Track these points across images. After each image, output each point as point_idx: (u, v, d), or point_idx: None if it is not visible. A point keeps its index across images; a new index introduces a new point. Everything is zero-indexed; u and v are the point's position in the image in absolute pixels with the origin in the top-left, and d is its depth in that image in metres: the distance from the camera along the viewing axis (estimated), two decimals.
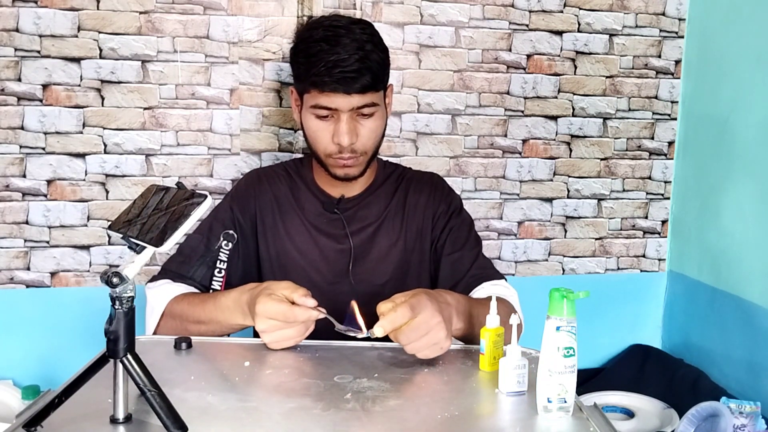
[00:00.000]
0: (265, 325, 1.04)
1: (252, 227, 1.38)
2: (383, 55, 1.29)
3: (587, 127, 2.04)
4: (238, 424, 0.83)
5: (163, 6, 1.75)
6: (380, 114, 1.31)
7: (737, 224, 1.85)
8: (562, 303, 0.86)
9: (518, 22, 1.95)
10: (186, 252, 1.34)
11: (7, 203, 1.73)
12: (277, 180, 1.41)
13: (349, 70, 1.21)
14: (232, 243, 1.33)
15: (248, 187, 1.41)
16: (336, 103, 1.24)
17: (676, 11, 2.05)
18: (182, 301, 1.22)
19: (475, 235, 1.42)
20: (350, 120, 1.26)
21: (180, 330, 1.19)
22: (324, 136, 1.28)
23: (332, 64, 1.21)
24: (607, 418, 0.87)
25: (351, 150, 1.28)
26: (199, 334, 1.18)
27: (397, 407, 0.88)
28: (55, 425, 0.80)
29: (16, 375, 1.76)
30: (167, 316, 1.22)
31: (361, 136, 1.28)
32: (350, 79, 1.22)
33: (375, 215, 1.39)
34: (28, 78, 1.70)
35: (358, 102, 1.25)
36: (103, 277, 0.78)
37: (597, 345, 2.13)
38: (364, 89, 1.24)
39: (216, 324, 1.17)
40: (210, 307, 1.17)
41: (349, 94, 1.23)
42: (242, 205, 1.38)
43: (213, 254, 1.32)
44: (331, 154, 1.29)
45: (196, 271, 1.31)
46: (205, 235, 1.35)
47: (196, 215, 0.78)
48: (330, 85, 1.22)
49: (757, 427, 1.53)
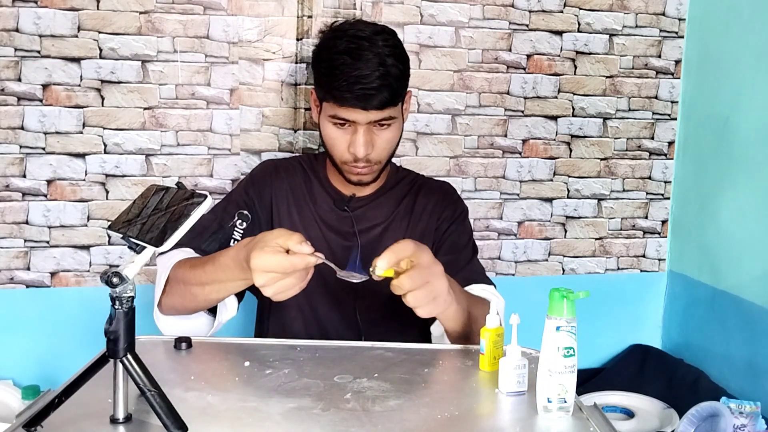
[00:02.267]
0: (264, 279, 1.00)
1: (267, 213, 1.39)
2: (403, 67, 1.29)
3: (587, 127, 2.04)
4: (238, 424, 0.83)
5: (163, 6, 1.75)
6: (397, 125, 1.32)
7: (737, 224, 1.85)
8: (562, 303, 0.86)
9: (518, 22, 1.95)
10: (198, 229, 1.33)
11: (7, 203, 1.73)
12: (293, 171, 1.43)
13: (369, 88, 1.22)
14: (246, 222, 1.33)
15: (264, 175, 1.42)
16: (354, 117, 1.26)
17: (676, 11, 2.05)
18: (185, 264, 1.20)
19: (473, 245, 1.44)
20: (367, 132, 1.27)
21: (185, 294, 1.18)
22: (340, 144, 1.30)
23: (354, 79, 1.22)
24: (607, 418, 0.87)
25: (366, 160, 1.29)
26: (205, 298, 1.16)
27: (397, 407, 0.88)
28: (55, 425, 0.80)
29: (16, 375, 1.76)
30: (172, 281, 1.20)
31: (376, 146, 1.29)
32: (369, 96, 1.23)
33: (384, 216, 1.40)
34: (28, 78, 1.70)
35: (375, 117, 1.26)
36: (103, 277, 0.78)
37: (597, 345, 2.13)
38: (382, 106, 1.25)
39: (219, 284, 1.13)
40: (210, 267, 1.14)
41: (367, 110, 1.25)
42: (258, 190, 1.39)
43: (226, 231, 1.32)
44: (346, 162, 1.31)
45: (209, 246, 1.30)
46: (218, 215, 1.36)
47: (196, 215, 0.79)
48: (349, 101, 1.24)
49: (757, 427, 1.53)
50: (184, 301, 1.19)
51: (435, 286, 1.02)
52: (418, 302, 1.01)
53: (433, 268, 1.02)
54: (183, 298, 1.18)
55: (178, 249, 1.28)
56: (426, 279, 1.01)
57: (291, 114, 1.84)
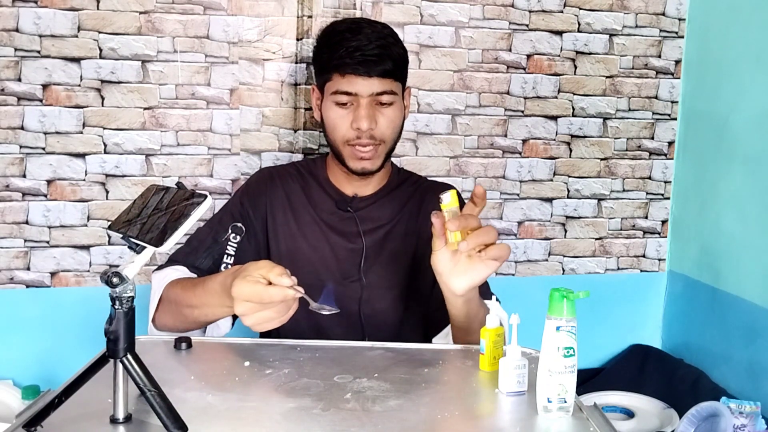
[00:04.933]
0: (243, 308, 1.00)
1: (263, 223, 1.38)
2: (403, 52, 1.33)
3: (587, 127, 2.04)
4: (238, 424, 0.83)
5: (163, 6, 1.75)
6: (398, 106, 1.33)
7: (737, 224, 1.85)
8: (562, 303, 0.86)
9: (518, 22, 1.95)
10: (194, 243, 1.35)
11: (7, 203, 1.73)
12: (289, 178, 1.42)
13: (370, 54, 1.26)
14: (240, 236, 1.33)
15: (259, 183, 1.41)
16: (356, 87, 1.27)
17: (676, 11, 2.05)
18: (177, 285, 1.21)
19: None
20: (369, 106, 1.28)
21: (176, 314, 1.18)
22: (343, 123, 1.30)
23: (354, 48, 1.25)
24: (607, 418, 0.87)
25: (370, 136, 1.29)
26: (194, 320, 1.16)
27: (397, 407, 0.88)
28: (55, 425, 0.80)
29: (16, 375, 1.76)
30: (165, 301, 1.22)
31: (379, 123, 1.30)
32: (371, 62, 1.26)
33: (388, 217, 1.39)
34: (28, 78, 1.70)
35: (378, 87, 1.27)
36: (103, 277, 0.78)
37: (597, 345, 2.13)
38: (384, 74, 1.27)
39: (207, 308, 1.13)
40: (200, 291, 1.14)
41: (370, 77, 1.26)
42: (253, 200, 1.39)
43: (220, 246, 1.33)
44: (349, 140, 1.30)
45: (203, 262, 1.31)
46: (214, 228, 1.36)
47: (196, 215, 0.78)
48: (351, 67, 1.26)
49: (757, 427, 1.53)
50: (176, 321, 1.20)
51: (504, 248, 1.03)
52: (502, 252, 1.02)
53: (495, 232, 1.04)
54: (174, 318, 1.19)
55: (172, 267, 1.30)
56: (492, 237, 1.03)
57: (291, 114, 1.84)
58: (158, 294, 1.23)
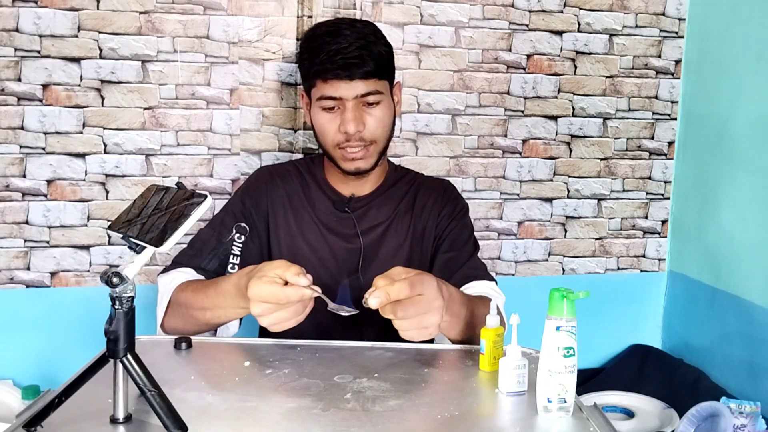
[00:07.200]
0: (259, 309, 1.00)
1: (264, 222, 1.38)
2: (386, 48, 1.31)
3: (587, 127, 2.04)
4: (238, 424, 0.83)
5: (163, 6, 1.75)
6: (387, 104, 1.32)
7: (737, 224, 1.85)
8: (562, 303, 0.86)
9: (518, 22, 1.95)
10: (197, 246, 1.34)
11: (7, 203, 1.73)
12: (289, 177, 1.42)
13: (351, 56, 1.24)
14: (244, 235, 1.33)
15: (259, 182, 1.41)
16: (340, 92, 1.26)
17: (676, 11, 2.05)
18: (187, 288, 1.21)
19: (474, 241, 1.43)
20: (355, 108, 1.27)
21: (187, 317, 1.18)
22: (331, 127, 1.29)
23: (333, 52, 1.24)
24: (607, 418, 0.87)
25: (359, 139, 1.29)
26: (206, 322, 1.16)
27: (397, 407, 0.88)
28: (55, 425, 0.80)
29: (16, 375, 1.76)
30: (174, 305, 1.21)
31: (368, 125, 1.29)
32: (352, 65, 1.24)
33: (385, 215, 1.40)
34: (28, 78, 1.70)
35: (361, 89, 1.26)
36: (103, 277, 0.78)
37: (597, 345, 2.13)
38: (366, 75, 1.25)
39: (220, 310, 1.13)
40: (212, 292, 1.14)
41: (352, 80, 1.25)
42: (254, 199, 1.39)
43: (225, 246, 1.32)
44: (339, 143, 1.30)
45: (209, 263, 1.30)
46: (216, 229, 1.35)
47: (196, 215, 0.78)
48: (332, 72, 1.24)
49: (757, 427, 1.53)
50: (186, 324, 1.19)
51: (428, 319, 0.99)
52: (406, 328, 0.99)
53: (433, 303, 0.98)
54: (185, 322, 1.19)
55: (179, 270, 1.29)
56: (423, 311, 0.98)
57: (291, 114, 1.84)
58: (167, 297, 1.22)
